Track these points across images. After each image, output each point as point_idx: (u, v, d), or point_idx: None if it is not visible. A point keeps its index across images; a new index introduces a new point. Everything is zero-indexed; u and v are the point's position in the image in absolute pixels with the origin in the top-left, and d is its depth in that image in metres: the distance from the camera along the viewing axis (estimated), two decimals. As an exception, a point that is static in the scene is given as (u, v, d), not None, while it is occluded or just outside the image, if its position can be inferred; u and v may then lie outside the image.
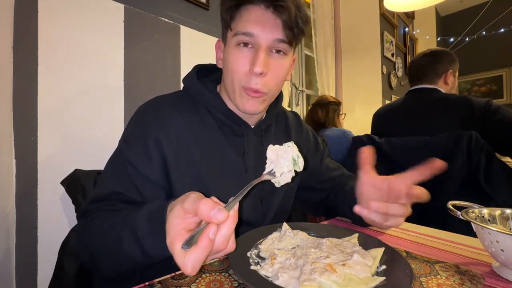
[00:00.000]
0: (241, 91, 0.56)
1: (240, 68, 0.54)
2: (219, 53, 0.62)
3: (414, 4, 2.14)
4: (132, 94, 1.16)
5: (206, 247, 0.30)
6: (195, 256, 0.30)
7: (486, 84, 4.45)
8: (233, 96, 0.58)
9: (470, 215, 0.46)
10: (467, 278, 0.39)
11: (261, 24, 0.52)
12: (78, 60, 1.00)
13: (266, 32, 0.52)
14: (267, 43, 0.53)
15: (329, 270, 0.37)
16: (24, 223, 0.88)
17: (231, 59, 0.55)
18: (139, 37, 1.19)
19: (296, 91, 2.61)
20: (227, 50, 0.57)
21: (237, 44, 0.54)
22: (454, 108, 1.11)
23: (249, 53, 0.53)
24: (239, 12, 0.53)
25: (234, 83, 0.56)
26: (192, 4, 1.42)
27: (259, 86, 0.54)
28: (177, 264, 0.31)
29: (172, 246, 0.32)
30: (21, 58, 0.87)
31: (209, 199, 0.33)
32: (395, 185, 0.48)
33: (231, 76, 0.56)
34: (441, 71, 1.25)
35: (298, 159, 0.46)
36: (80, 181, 0.78)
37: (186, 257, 0.30)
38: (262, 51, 0.52)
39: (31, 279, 0.89)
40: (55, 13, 0.95)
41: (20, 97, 0.87)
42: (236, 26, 0.54)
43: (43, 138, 0.92)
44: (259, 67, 0.51)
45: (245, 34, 0.52)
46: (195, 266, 0.30)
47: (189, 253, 0.30)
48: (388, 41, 3.27)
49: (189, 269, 0.30)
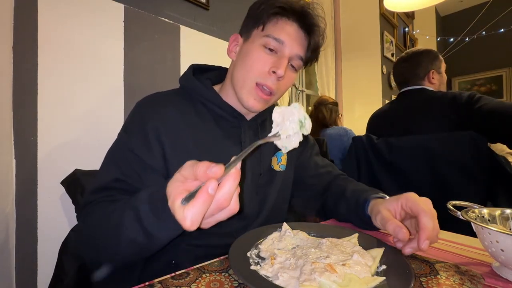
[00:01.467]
0: (252, 87, 0.59)
1: (261, 67, 0.58)
2: (233, 46, 0.65)
3: (414, 4, 2.14)
4: (132, 94, 1.16)
5: (205, 201, 0.31)
6: (193, 209, 0.31)
7: (486, 84, 4.46)
8: (241, 89, 0.61)
9: (470, 215, 0.46)
10: (467, 278, 0.39)
11: (293, 38, 0.59)
12: (78, 60, 1.00)
13: (294, 45, 0.59)
14: (291, 54, 0.59)
15: (329, 270, 0.37)
16: (24, 223, 0.88)
17: (254, 56, 0.59)
18: (139, 37, 1.19)
19: (296, 91, 2.61)
20: (250, 46, 0.60)
21: (263, 44, 0.59)
22: (440, 106, 1.12)
23: (272, 57, 0.59)
24: (276, 19, 0.59)
25: (248, 77, 0.59)
26: (192, 4, 1.42)
27: (274, 86, 0.59)
28: (177, 220, 0.32)
29: (172, 205, 0.33)
30: (21, 58, 0.87)
31: (205, 161, 0.34)
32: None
33: (246, 70, 0.59)
34: (423, 74, 1.25)
35: (305, 121, 0.43)
36: (80, 181, 0.78)
37: (185, 210, 0.31)
38: (286, 59, 0.59)
39: (31, 279, 0.89)
40: (55, 13, 0.95)
41: (20, 97, 0.87)
42: (269, 30, 0.59)
43: (43, 138, 0.92)
44: (282, 70, 0.57)
45: (276, 40, 0.58)
46: (193, 219, 0.31)
47: (187, 207, 0.31)
48: (388, 41, 3.27)
49: (188, 222, 0.31)
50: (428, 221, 0.46)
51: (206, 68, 0.71)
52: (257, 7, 0.61)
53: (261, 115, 0.69)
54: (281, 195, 0.71)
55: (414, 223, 0.52)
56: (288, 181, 0.74)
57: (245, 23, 0.64)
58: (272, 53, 0.59)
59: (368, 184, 0.72)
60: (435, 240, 0.47)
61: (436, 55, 1.27)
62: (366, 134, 1.27)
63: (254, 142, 0.39)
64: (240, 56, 0.62)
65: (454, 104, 1.08)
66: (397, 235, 0.47)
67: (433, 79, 1.25)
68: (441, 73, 1.27)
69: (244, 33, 0.63)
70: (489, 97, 1.04)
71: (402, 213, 0.52)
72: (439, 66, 1.26)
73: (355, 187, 0.68)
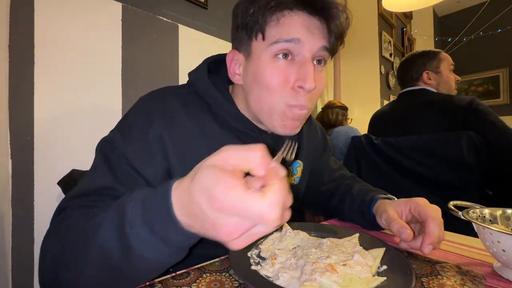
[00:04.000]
0: (285, 110, 0.48)
1: (284, 83, 0.47)
2: (234, 66, 0.53)
3: (412, 4, 2.14)
4: (129, 93, 1.15)
5: (283, 186, 0.23)
6: (276, 194, 0.22)
7: (483, 84, 4.48)
8: (269, 117, 0.50)
9: (471, 215, 0.46)
10: (468, 279, 0.39)
11: (309, 29, 0.45)
12: (75, 59, 0.99)
13: (313, 39, 0.46)
14: (312, 51, 0.47)
15: (330, 270, 0.36)
16: (20, 224, 0.87)
17: (269, 73, 0.46)
18: (137, 36, 1.18)
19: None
20: (257, 64, 0.48)
21: (274, 55, 0.46)
22: (437, 110, 1.13)
23: (291, 66, 0.47)
24: (276, 18, 0.46)
25: (275, 102, 0.48)
26: (190, 3, 1.41)
27: (306, 102, 0.48)
28: (247, 209, 0.22)
29: (236, 190, 0.22)
30: (17, 57, 0.86)
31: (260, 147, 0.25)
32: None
33: (269, 94, 0.48)
34: (416, 76, 1.28)
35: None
36: (77, 181, 0.77)
37: (268, 195, 0.22)
38: (309, 63, 0.46)
39: (27, 281, 0.88)
40: (52, 11, 0.94)
41: (16, 96, 0.86)
42: (273, 34, 0.46)
43: (39, 138, 0.90)
44: (312, 82, 0.45)
45: (289, 41, 0.45)
46: (280, 209, 0.22)
47: (270, 193, 0.22)
48: (386, 41, 3.28)
49: (277, 212, 0.22)
50: (435, 227, 0.46)
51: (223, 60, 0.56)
52: (245, 11, 0.47)
53: None
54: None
55: (418, 228, 0.52)
56: (298, 194, 0.70)
57: (236, 35, 0.51)
58: (289, 60, 0.47)
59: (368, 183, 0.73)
60: (437, 248, 0.47)
61: (433, 55, 1.28)
62: (365, 134, 1.27)
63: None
64: (249, 79, 0.50)
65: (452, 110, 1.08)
66: (401, 235, 0.47)
67: (429, 79, 1.26)
68: (440, 72, 1.27)
69: (241, 48, 0.51)
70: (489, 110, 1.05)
71: (409, 216, 0.52)
72: (437, 65, 1.27)
73: (363, 186, 0.68)
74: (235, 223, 0.23)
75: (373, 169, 1.19)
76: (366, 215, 0.60)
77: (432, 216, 0.47)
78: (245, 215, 0.23)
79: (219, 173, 0.23)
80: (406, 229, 0.47)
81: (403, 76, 1.35)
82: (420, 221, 0.50)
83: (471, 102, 1.04)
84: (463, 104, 1.06)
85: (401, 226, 0.47)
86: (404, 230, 0.47)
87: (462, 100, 1.07)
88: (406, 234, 0.46)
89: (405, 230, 0.47)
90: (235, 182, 0.23)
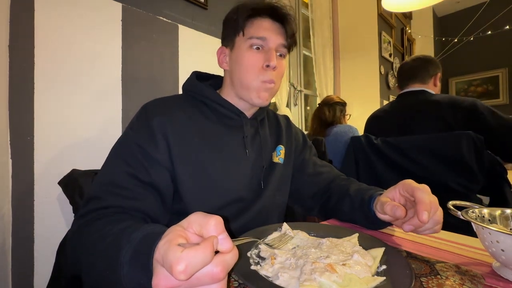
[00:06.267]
0: (260, 85, 0.65)
1: (256, 64, 0.65)
2: (222, 58, 0.71)
3: (412, 4, 2.14)
4: (129, 93, 1.15)
5: (209, 253, 0.26)
6: (194, 254, 0.25)
7: (483, 85, 4.48)
8: (247, 90, 0.66)
9: (470, 215, 0.46)
10: (467, 278, 0.39)
11: (271, 31, 0.65)
12: (75, 59, 1.00)
13: (274, 37, 0.65)
14: (275, 45, 0.65)
15: (329, 270, 0.36)
16: (20, 224, 0.87)
17: (245, 58, 0.65)
18: (137, 37, 1.19)
19: (294, 91, 2.61)
20: (239, 53, 0.66)
21: (250, 46, 0.65)
22: (439, 110, 1.14)
23: (261, 53, 0.65)
24: (251, 21, 0.65)
25: (251, 78, 0.65)
26: (190, 4, 1.41)
27: (273, 78, 0.65)
28: (166, 260, 0.25)
29: (169, 244, 0.26)
30: (17, 57, 0.86)
31: (218, 216, 0.29)
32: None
33: (245, 72, 0.65)
34: (432, 72, 1.31)
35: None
36: (77, 181, 0.77)
37: (184, 252, 0.25)
38: (272, 51, 0.64)
39: (27, 281, 0.88)
40: (52, 11, 0.94)
41: (16, 96, 0.86)
42: (249, 32, 0.65)
43: (39, 138, 0.91)
44: (274, 61, 0.64)
45: (259, 38, 0.64)
46: (189, 266, 0.25)
47: (187, 250, 0.25)
48: (386, 41, 3.28)
49: (182, 266, 0.24)
50: (423, 194, 0.49)
51: (206, 75, 0.77)
52: (231, 17, 0.68)
53: (260, 113, 0.74)
54: (279, 186, 0.73)
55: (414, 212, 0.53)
56: (286, 174, 0.77)
57: (225, 34, 0.70)
58: (260, 50, 0.65)
59: (367, 183, 0.73)
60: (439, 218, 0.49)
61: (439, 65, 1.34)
62: (364, 134, 1.27)
63: (250, 237, 0.43)
64: (233, 63, 0.68)
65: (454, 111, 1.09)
66: (395, 213, 0.50)
67: (437, 82, 1.31)
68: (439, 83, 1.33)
69: (228, 43, 0.69)
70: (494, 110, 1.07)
71: (401, 200, 0.55)
72: (441, 76, 1.34)
73: (359, 186, 0.70)
74: (163, 273, 0.27)
75: (372, 169, 1.19)
76: (368, 214, 0.60)
77: (418, 187, 0.50)
78: (164, 262, 0.26)
79: (173, 231, 0.29)
80: (398, 207, 0.50)
81: (418, 67, 1.31)
82: (411, 200, 0.52)
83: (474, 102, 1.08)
84: (466, 104, 1.08)
85: (393, 205, 0.51)
86: (397, 208, 0.50)
87: (465, 100, 1.10)
88: (399, 211, 0.50)
89: (398, 207, 0.50)
90: (172, 237, 0.27)
